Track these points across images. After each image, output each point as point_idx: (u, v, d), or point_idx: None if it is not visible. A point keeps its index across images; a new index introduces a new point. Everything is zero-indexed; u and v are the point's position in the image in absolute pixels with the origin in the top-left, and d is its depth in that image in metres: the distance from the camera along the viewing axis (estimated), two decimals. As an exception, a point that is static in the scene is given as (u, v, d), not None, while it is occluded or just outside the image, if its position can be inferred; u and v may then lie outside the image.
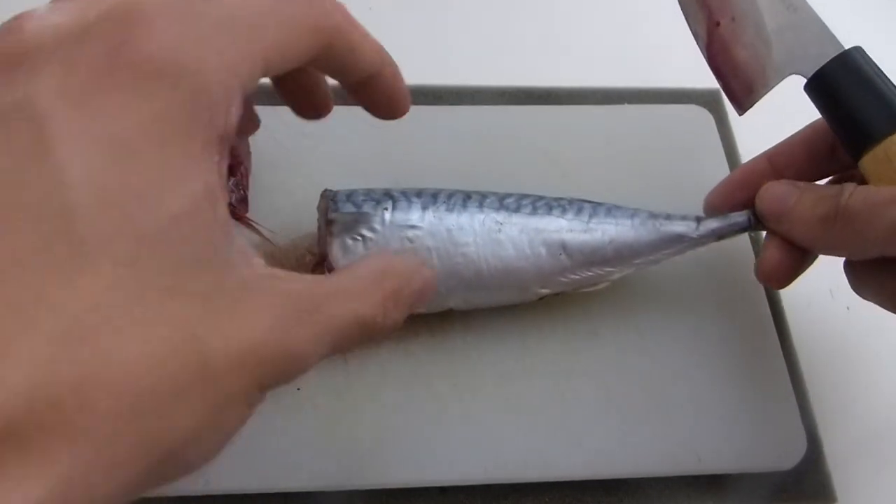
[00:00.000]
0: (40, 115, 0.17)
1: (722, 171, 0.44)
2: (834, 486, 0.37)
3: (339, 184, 0.40)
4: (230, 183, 0.38)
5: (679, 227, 0.35)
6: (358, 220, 0.33)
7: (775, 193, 0.33)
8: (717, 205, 0.37)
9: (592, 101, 0.48)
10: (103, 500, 0.17)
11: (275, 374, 0.20)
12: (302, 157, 0.42)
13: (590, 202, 0.36)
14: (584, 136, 0.44)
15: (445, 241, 0.34)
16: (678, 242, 0.36)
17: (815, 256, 0.35)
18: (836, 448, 0.38)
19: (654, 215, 0.36)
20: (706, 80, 0.50)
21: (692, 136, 0.45)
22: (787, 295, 0.42)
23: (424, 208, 0.34)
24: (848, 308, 0.41)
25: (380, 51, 0.27)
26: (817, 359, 0.40)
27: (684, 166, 0.44)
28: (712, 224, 0.35)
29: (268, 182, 0.41)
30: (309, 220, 0.37)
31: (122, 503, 0.18)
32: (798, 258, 0.34)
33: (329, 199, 0.34)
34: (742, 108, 0.36)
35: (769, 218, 0.33)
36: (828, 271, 0.36)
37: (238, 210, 0.38)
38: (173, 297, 0.18)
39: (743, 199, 0.35)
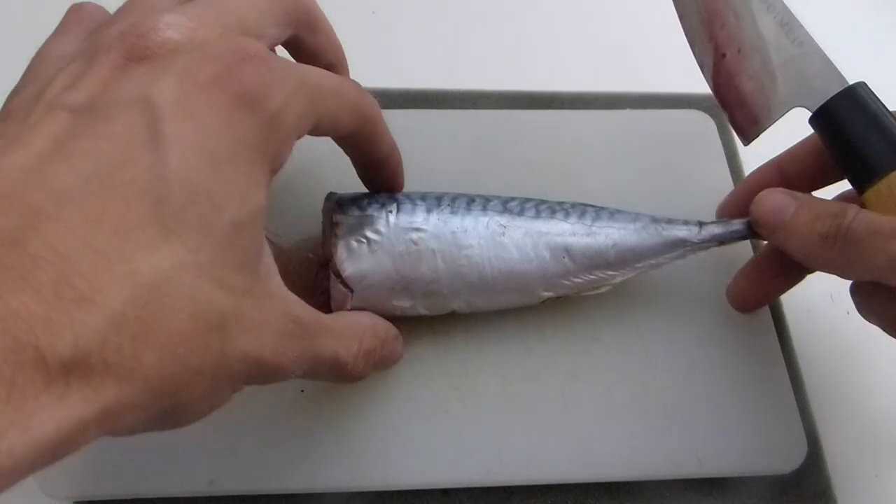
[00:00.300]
0: (157, 113, 0.21)
1: (723, 176, 0.44)
2: (834, 489, 0.37)
3: (343, 187, 0.40)
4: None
5: (681, 232, 0.36)
6: (363, 223, 0.34)
7: (772, 203, 0.33)
8: (728, 212, 0.38)
9: (595, 106, 0.48)
10: (120, 430, 0.21)
11: (259, 376, 0.24)
12: (307, 160, 0.42)
13: (592, 206, 0.37)
14: (586, 140, 0.44)
15: (450, 243, 0.34)
16: (680, 247, 0.36)
17: (788, 288, 0.37)
18: (836, 451, 0.38)
19: (655, 220, 0.36)
20: (707, 85, 0.50)
21: (694, 141, 0.45)
22: (788, 300, 0.42)
23: (429, 211, 0.34)
24: (848, 313, 0.41)
25: (392, 142, 0.33)
26: (818, 363, 0.40)
27: (686, 171, 0.44)
28: (714, 229, 0.36)
29: (273, 185, 0.41)
30: (313, 223, 0.37)
31: (126, 435, 0.22)
32: (772, 288, 0.36)
33: (334, 202, 0.35)
34: (747, 138, 0.36)
35: (765, 229, 0.33)
36: (828, 276, 0.37)
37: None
38: (219, 288, 0.21)
39: None
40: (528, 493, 0.36)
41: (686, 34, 0.37)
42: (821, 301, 0.42)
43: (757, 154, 0.47)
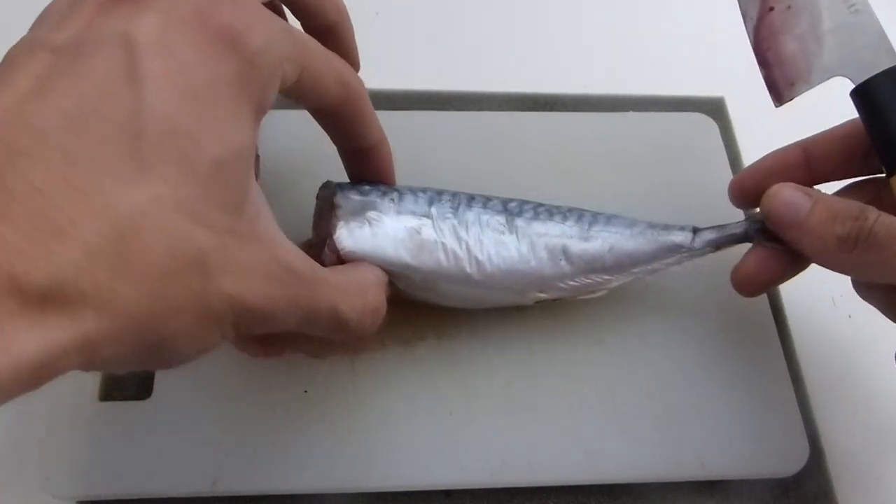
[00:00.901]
0: (137, 50, 0.21)
1: (726, 179, 0.43)
2: (835, 491, 0.37)
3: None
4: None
5: (677, 238, 0.36)
6: (365, 206, 0.33)
7: (787, 199, 0.31)
8: (744, 188, 0.36)
9: (597, 109, 0.49)
10: (100, 362, 0.20)
11: (247, 320, 0.24)
12: (309, 162, 0.42)
13: (589, 211, 0.37)
14: (588, 143, 0.45)
15: (450, 235, 0.34)
16: (675, 252, 0.36)
17: (797, 273, 0.35)
18: (837, 453, 0.38)
19: (652, 225, 0.36)
20: (710, 88, 0.51)
21: (696, 144, 0.45)
22: (790, 303, 0.42)
23: (430, 203, 0.34)
24: (850, 316, 0.42)
25: (382, 132, 0.32)
26: (819, 366, 0.40)
27: (688, 174, 0.44)
28: (709, 235, 0.36)
29: (274, 186, 0.41)
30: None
31: (108, 369, 0.21)
32: (779, 274, 0.34)
33: (334, 187, 0.34)
34: (780, 99, 0.34)
35: (778, 224, 0.32)
36: (830, 280, 0.37)
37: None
38: (200, 225, 0.21)
39: (771, 185, 0.34)
40: (531, 495, 0.36)
41: None
42: (822, 304, 0.42)
43: (761, 156, 0.47)
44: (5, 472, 0.35)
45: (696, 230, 0.36)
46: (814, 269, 0.41)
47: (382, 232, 0.33)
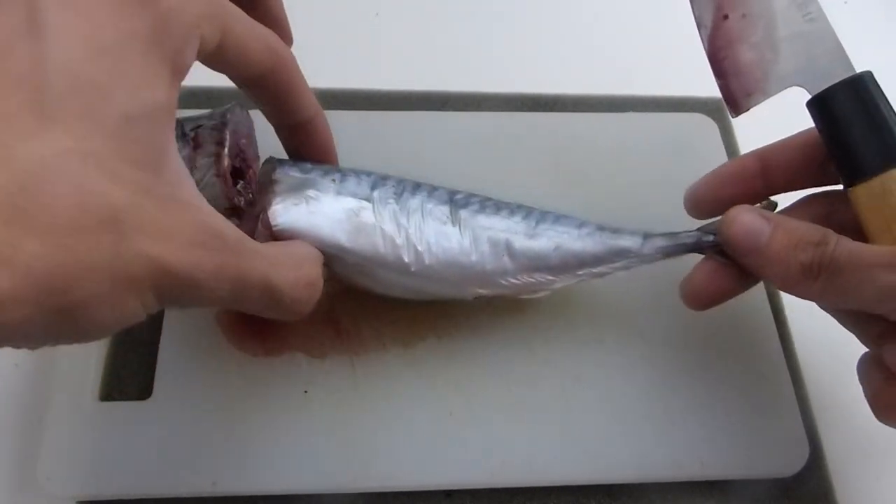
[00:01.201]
0: (39, 2, 0.21)
1: (725, 179, 0.44)
2: (835, 492, 0.37)
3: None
4: (239, 185, 0.38)
5: (625, 242, 0.35)
6: (304, 184, 0.32)
7: (745, 225, 0.30)
8: (699, 196, 0.36)
9: (597, 109, 0.49)
10: (13, 328, 0.19)
11: (170, 288, 0.22)
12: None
13: (538, 209, 0.36)
14: (588, 143, 0.45)
15: (391, 220, 0.33)
16: (623, 257, 0.35)
17: (748, 287, 0.34)
18: (837, 453, 0.38)
19: (602, 227, 0.35)
20: (710, 88, 0.50)
21: (696, 144, 0.45)
22: (790, 302, 0.42)
23: (373, 187, 0.34)
24: (850, 316, 0.42)
25: (317, 105, 0.31)
26: (820, 365, 0.40)
27: (688, 174, 0.44)
28: (659, 242, 0.35)
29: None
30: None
31: (20, 341, 0.21)
32: (729, 289, 0.33)
33: (274, 163, 0.34)
34: (736, 110, 0.34)
35: (736, 251, 0.31)
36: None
37: (247, 212, 0.38)
38: (111, 180, 0.21)
39: (727, 196, 0.34)
40: (531, 495, 0.36)
41: None
42: (823, 304, 0.42)
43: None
44: (5, 471, 0.35)
45: (646, 236, 0.35)
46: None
47: (319, 211, 0.32)
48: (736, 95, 0.34)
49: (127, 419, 0.34)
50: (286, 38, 0.32)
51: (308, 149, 0.33)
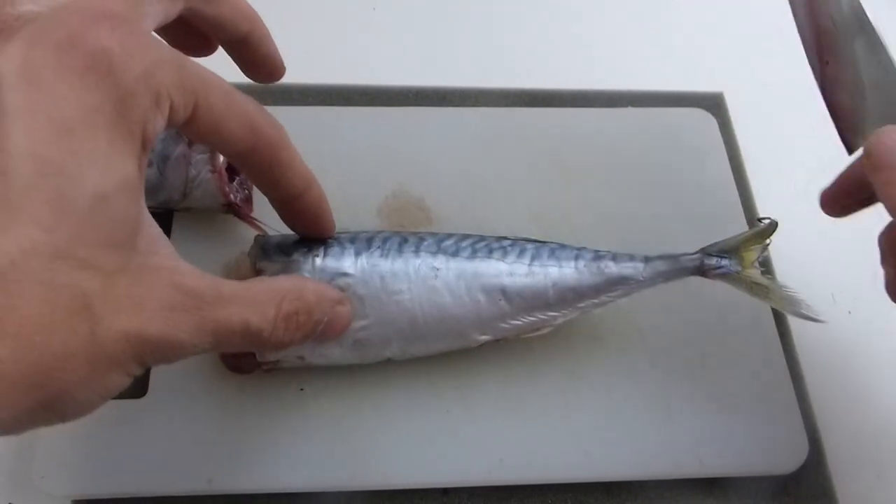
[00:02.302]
0: (1, 83, 0.20)
1: (725, 174, 0.44)
2: (835, 489, 0.37)
3: (342, 185, 0.40)
4: (235, 182, 0.38)
5: (626, 270, 0.35)
6: (288, 269, 0.33)
7: (892, 141, 0.29)
8: (833, 195, 0.34)
9: (596, 104, 0.48)
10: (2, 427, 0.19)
11: (153, 353, 0.22)
12: (306, 157, 0.42)
13: (533, 243, 0.36)
14: (587, 138, 0.44)
15: (378, 289, 0.33)
16: (623, 285, 0.35)
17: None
18: (837, 451, 0.38)
19: (599, 256, 0.35)
20: (709, 83, 0.50)
21: (695, 139, 0.45)
22: (790, 299, 0.42)
23: (357, 254, 0.33)
24: (849, 312, 0.42)
25: (310, 176, 0.30)
26: (819, 363, 0.40)
27: (687, 169, 0.44)
28: (660, 266, 0.35)
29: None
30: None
31: (16, 432, 0.20)
32: (858, 204, 0.33)
33: (258, 247, 0.34)
34: (848, 148, 0.34)
35: (872, 161, 0.30)
36: (830, 276, 0.37)
37: (243, 209, 0.38)
38: (81, 269, 0.20)
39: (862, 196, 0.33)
40: (528, 493, 0.36)
41: (799, 32, 0.35)
42: (822, 301, 0.42)
43: (760, 152, 0.47)
44: (0, 470, 0.35)
45: (647, 259, 0.35)
46: (813, 265, 0.41)
47: None
48: (844, 133, 0.34)
49: (122, 418, 0.34)
50: (277, 71, 0.32)
51: (300, 222, 0.32)
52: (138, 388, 0.35)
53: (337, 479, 0.34)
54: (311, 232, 0.33)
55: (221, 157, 0.37)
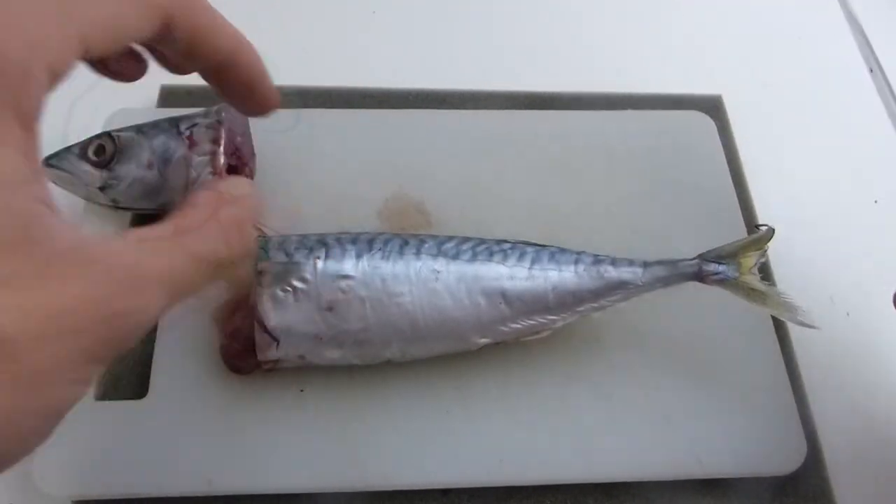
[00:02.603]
0: None
1: (723, 177, 0.44)
2: (833, 490, 0.37)
3: (342, 188, 0.40)
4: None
5: (625, 275, 0.35)
6: (289, 271, 0.33)
7: None
8: None
9: (595, 107, 0.48)
10: None
11: (101, 339, 0.19)
12: (306, 160, 0.42)
13: (533, 246, 0.36)
14: (586, 140, 0.44)
15: (379, 291, 0.33)
16: (622, 289, 0.35)
17: None
18: (835, 452, 0.38)
19: (598, 260, 0.35)
20: (708, 86, 0.51)
21: (694, 142, 0.45)
22: (788, 301, 0.42)
23: (359, 256, 0.33)
24: (847, 314, 0.42)
25: (235, 34, 0.25)
26: (817, 364, 0.40)
27: (686, 171, 0.44)
28: (659, 272, 0.35)
29: (272, 183, 0.41)
30: (311, 220, 0.37)
31: None
32: None
33: (260, 248, 0.34)
34: None
35: None
36: (828, 278, 0.37)
37: None
38: None
39: None
40: (528, 493, 0.36)
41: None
42: (821, 302, 0.42)
43: (758, 155, 0.47)
44: (0, 471, 0.35)
45: (646, 265, 0.35)
46: (811, 266, 0.41)
47: (307, 298, 0.32)
48: None
49: (123, 418, 0.34)
50: (270, 101, 0.27)
51: (241, 88, 0.26)
52: (138, 388, 0.35)
53: (337, 479, 0.34)
54: (253, 104, 0.27)
55: (222, 159, 0.37)
